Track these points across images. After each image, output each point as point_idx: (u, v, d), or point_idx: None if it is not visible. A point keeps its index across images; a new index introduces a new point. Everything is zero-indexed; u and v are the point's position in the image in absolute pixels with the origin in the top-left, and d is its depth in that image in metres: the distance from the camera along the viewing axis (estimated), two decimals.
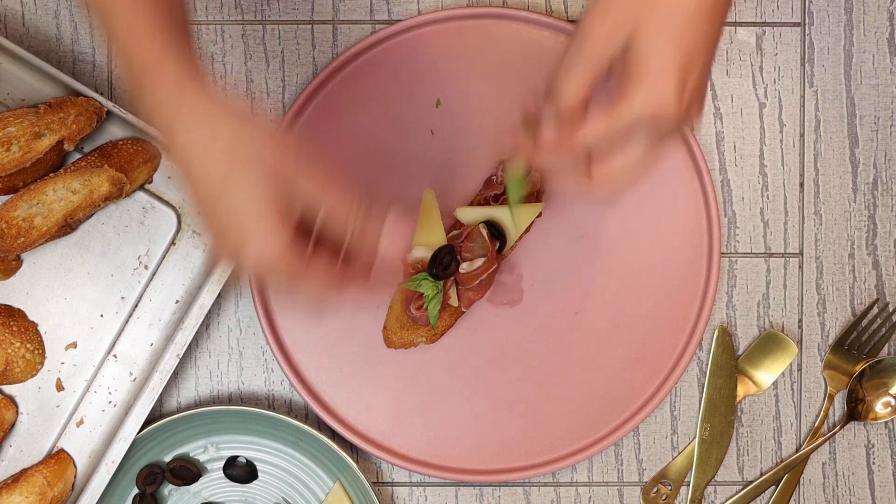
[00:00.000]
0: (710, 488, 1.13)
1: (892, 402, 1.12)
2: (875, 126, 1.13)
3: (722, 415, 1.12)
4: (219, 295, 1.11)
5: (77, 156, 1.09)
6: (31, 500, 1.05)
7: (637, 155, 0.85)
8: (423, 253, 1.06)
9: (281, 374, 1.12)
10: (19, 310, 1.09)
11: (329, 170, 0.84)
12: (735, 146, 1.12)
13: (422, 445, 1.10)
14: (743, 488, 1.13)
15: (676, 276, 1.11)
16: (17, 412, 1.08)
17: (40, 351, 1.08)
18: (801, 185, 1.13)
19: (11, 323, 1.07)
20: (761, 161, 1.13)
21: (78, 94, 1.05)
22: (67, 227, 1.07)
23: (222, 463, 1.10)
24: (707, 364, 1.12)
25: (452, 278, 1.06)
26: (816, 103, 1.13)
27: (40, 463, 1.07)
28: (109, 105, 1.05)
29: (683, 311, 1.11)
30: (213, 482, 1.11)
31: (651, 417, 1.13)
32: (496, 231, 1.06)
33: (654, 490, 1.12)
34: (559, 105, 0.84)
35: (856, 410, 1.12)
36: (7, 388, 1.08)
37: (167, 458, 1.10)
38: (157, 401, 1.09)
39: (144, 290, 1.09)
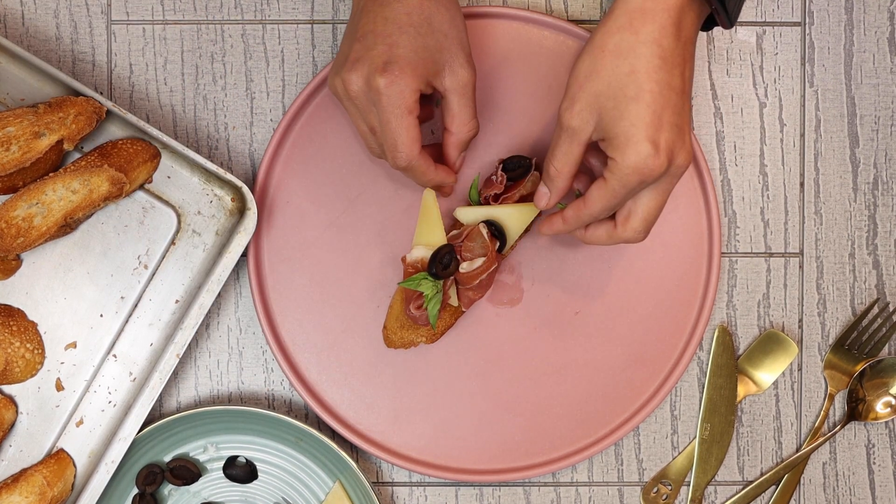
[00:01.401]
0: (710, 488, 1.13)
1: (893, 401, 1.12)
2: (875, 125, 1.13)
3: (722, 415, 1.12)
4: (219, 295, 1.11)
5: (77, 155, 1.09)
6: (30, 499, 1.05)
7: (647, 206, 0.97)
8: (422, 252, 1.06)
9: (281, 374, 1.12)
10: (19, 310, 1.09)
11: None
12: (735, 146, 1.12)
13: (422, 445, 1.10)
14: (743, 488, 1.13)
15: (676, 275, 1.11)
16: (16, 412, 1.08)
17: (40, 351, 1.08)
18: (802, 184, 1.13)
19: (11, 323, 1.07)
20: (761, 161, 1.12)
21: (78, 93, 1.05)
22: (67, 226, 1.07)
23: (222, 463, 1.10)
24: (707, 364, 1.12)
25: (452, 278, 1.06)
26: (817, 103, 1.13)
27: (40, 463, 1.07)
28: (109, 105, 1.05)
29: (683, 310, 1.11)
30: (213, 482, 1.11)
31: (651, 417, 1.12)
32: (496, 231, 1.06)
33: (655, 490, 1.12)
34: (554, 183, 0.99)
35: (856, 410, 1.12)
36: (7, 388, 1.08)
37: (167, 458, 1.10)
38: (156, 401, 1.10)
39: (144, 290, 1.09)
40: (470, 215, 1.07)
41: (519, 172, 1.07)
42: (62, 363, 1.09)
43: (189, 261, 1.09)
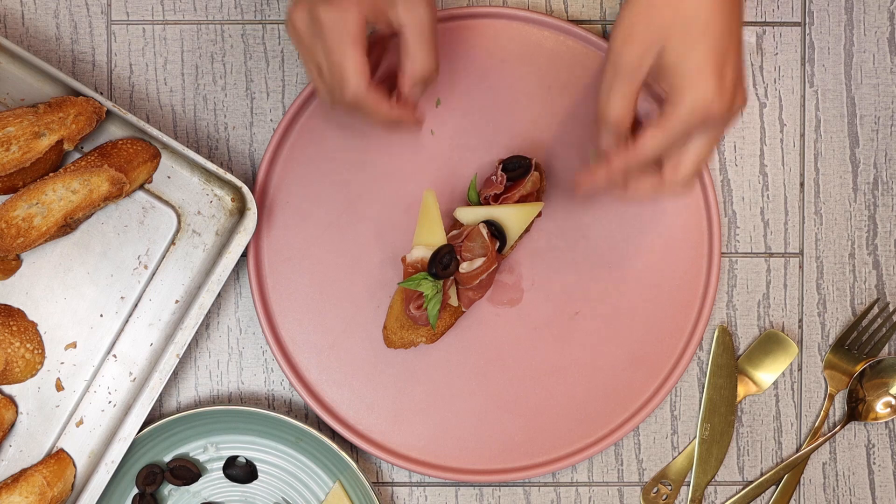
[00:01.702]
0: (710, 488, 1.13)
1: (893, 401, 1.12)
2: (875, 126, 1.13)
3: (722, 415, 1.12)
4: (219, 295, 1.11)
5: (77, 155, 1.09)
6: (30, 499, 1.05)
7: (700, 150, 0.92)
8: (422, 252, 1.06)
9: (281, 374, 1.12)
10: (19, 310, 1.09)
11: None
12: (735, 146, 1.12)
13: (422, 445, 1.10)
14: (743, 488, 1.13)
15: (676, 276, 1.11)
16: (16, 412, 1.08)
17: (40, 351, 1.08)
18: (802, 184, 1.13)
19: (11, 323, 1.07)
20: (762, 161, 1.12)
21: (77, 93, 1.05)
22: (67, 226, 1.07)
23: (222, 463, 1.10)
24: (707, 364, 1.12)
25: (452, 278, 1.06)
26: (817, 103, 1.13)
27: (40, 463, 1.07)
28: (109, 105, 1.05)
29: (683, 311, 1.11)
30: (213, 482, 1.11)
31: (651, 417, 1.12)
32: (496, 231, 1.06)
33: (655, 490, 1.12)
34: (611, 128, 0.93)
35: (856, 410, 1.12)
36: (7, 388, 1.08)
37: (167, 458, 1.10)
38: (156, 401, 1.10)
39: (144, 290, 1.09)
40: (470, 215, 1.07)
41: (519, 172, 1.07)
42: (62, 363, 1.09)
43: (189, 261, 1.09)
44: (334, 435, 1.12)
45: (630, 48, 0.90)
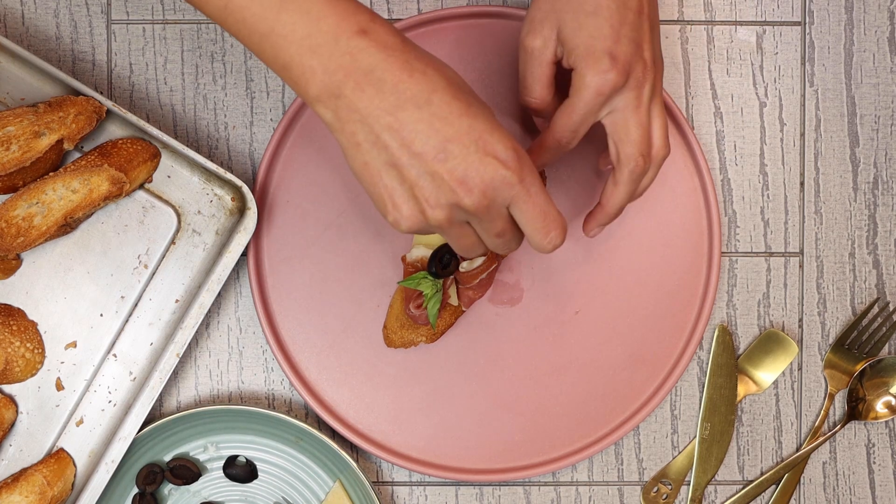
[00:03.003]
0: (710, 488, 1.13)
1: (893, 401, 1.12)
2: (875, 125, 1.13)
3: (722, 414, 1.12)
4: (219, 294, 1.11)
5: (77, 155, 1.09)
6: (30, 499, 1.05)
7: (627, 120, 0.96)
8: (422, 252, 1.06)
9: (281, 374, 1.12)
10: (19, 309, 1.09)
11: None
12: (735, 145, 1.12)
13: (422, 445, 1.10)
14: (743, 488, 1.13)
15: (676, 275, 1.11)
16: (16, 411, 1.08)
17: (40, 350, 1.08)
18: (802, 184, 1.13)
19: (11, 322, 1.07)
20: (762, 160, 1.12)
21: (77, 93, 1.05)
22: (67, 226, 1.07)
23: (222, 462, 1.10)
24: (707, 363, 1.12)
25: (452, 277, 1.06)
26: (817, 102, 1.13)
27: (40, 462, 1.07)
28: (109, 104, 1.05)
29: (683, 310, 1.11)
30: (213, 482, 1.11)
31: (651, 417, 1.12)
32: None
33: (655, 489, 1.12)
34: (536, 111, 1.00)
35: (856, 410, 1.12)
36: (7, 388, 1.08)
37: (167, 458, 1.10)
38: (156, 400, 1.10)
39: (144, 290, 1.09)
40: None
41: None
42: (62, 363, 1.09)
43: (189, 260, 1.09)
44: (334, 434, 1.12)
45: (533, 35, 0.96)
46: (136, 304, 1.09)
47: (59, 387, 1.09)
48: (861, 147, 1.13)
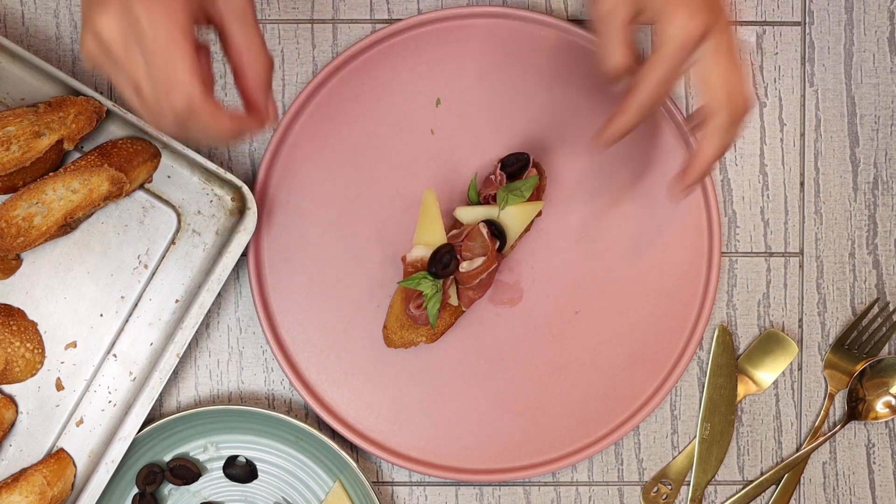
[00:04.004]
0: (710, 488, 1.13)
1: (893, 401, 1.12)
2: (875, 125, 1.13)
3: (722, 414, 1.12)
4: (219, 294, 1.11)
5: (77, 155, 1.09)
6: (30, 499, 1.05)
7: (720, 65, 0.93)
8: (422, 252, 1.06)
9: (281, 374, 1.12)
10: (19, 309, 1.09)
11: None
12: (735, 145, 1.12)
13: (422, 445, 1.10)
14: (743, 488, 1.13)
15: (676, 275, 1.11)
16: (16, 412, 1.08)
17: (40, 350, 1.08)
18: (802, 184, 1.13)
19: (11, 322, 1.07)
20: (762, 160, 1.12)
21: (77, 93, 1.05)
22: (67, 226, 1.07)
23: (222, 462, 1.10)
24: (707, 363, 1.12)
25: (452, 277, 1.06)
26: (817, 102, 1.13)
27: (40, 462, 1.07)
28: (109, 104, 1.05)
29: (683, 310, 1.11)
30: (213, 482, 1.11)
31: (651, 417, 1.12)
32: (496, 230, 1.06)
33: (655, 489, 1.12)
34: (619, 77, 0.95)
35: (856, 410, 1.12)
36: (7, 388, 1.08)
37: (167, 458, 1.10)
38: (156, 400, 1.10)
39: (144, 290, 1.09)
40: (470, 215, 1.07)
41: (517, 167, 1.07)
42: (62, 363, 1.09)
43: (189, 260, 1.09)
44: (334, 434, 1.12)
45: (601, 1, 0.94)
46: (136, 304, 1.09)
47: (59, 387, 1.09)
48: (861, 147, 1.13)
